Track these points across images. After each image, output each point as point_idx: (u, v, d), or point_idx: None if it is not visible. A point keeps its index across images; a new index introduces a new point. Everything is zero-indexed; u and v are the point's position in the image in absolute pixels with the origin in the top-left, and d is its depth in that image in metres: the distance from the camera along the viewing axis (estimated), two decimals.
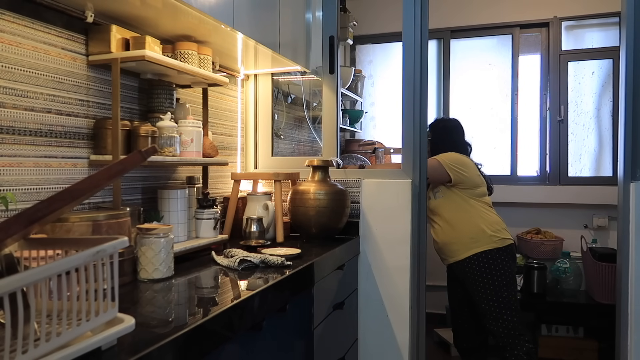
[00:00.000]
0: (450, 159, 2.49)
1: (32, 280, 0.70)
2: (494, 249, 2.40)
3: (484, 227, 2.42)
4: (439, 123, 2.74)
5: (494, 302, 2.38)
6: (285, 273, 1.49)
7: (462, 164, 2.48)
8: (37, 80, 1.39)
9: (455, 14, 3.88)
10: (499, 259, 2.40)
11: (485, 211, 2.48)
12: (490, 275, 2.38)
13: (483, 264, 2.40)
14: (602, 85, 3.67)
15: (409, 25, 2.28)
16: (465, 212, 2.47)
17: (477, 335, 2.60)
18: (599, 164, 3.67)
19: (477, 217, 2.45)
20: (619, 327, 2.06)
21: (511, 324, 2.37)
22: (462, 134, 2.70)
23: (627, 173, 2.01)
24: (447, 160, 2.47)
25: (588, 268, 3.21)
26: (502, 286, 2.38)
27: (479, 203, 2.48)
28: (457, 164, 2.47)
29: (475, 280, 2.41)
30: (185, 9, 1.50)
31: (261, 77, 2.59)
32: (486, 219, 2.45)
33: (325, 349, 1.84)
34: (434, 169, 2.47)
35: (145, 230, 1.39)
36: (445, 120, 2.81)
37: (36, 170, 1.39)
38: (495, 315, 2.38)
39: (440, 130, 2.68)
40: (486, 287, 2.39)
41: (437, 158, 2.48)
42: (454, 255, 2.49)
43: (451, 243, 2.49)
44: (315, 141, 3.05)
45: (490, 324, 2.40)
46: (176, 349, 0.94)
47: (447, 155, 2.51)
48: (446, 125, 2.72)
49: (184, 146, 1.75)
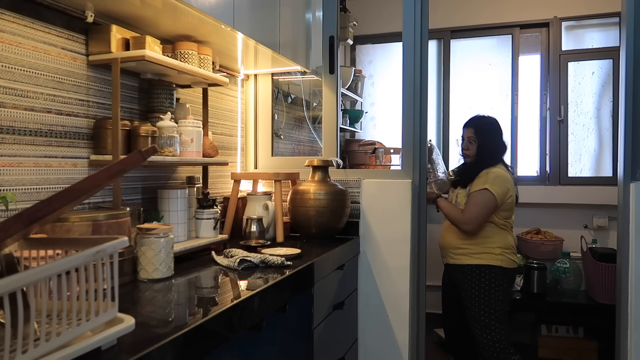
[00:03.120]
0: (502, 189, 2.29)
1: (32, 280, 0.70)
2: (499, 266, 2.32)
3: (496, 245, 2.33)
4: (482, 120, 2.49)
5: (484, 312, 2.32)
6: (285, 273, 1.49)
7: (509, 192, 2.32)
8: (37, 80, 1.39)
9: (455, 14, 3.88)
10: (500, 277, 2.33)
11: (503, 230, 2.37)
12: (488, 288, 2.32)
13: (484, 276, 2.33)
14: (602, 86, 3.67)
15: (409, 25, 2.28)
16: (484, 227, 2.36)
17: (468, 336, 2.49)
18: (599, 164, 3.67)
19: (493, 234, 2.35)
20: (619, 327, 2.06)
21: (497, 336, 2.30)
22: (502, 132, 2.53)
23: (627, 173, 2.01)
24: (500, 191, 2.29)
25: (588, 268, 3.21)
26: (497, 301, 2.32)
27: (501, 221, 2.37)
28: (506, 194, 2.31)
29: (472, 288, 2.35)
30: (185, 9, 1.50)
31: (261, 77, 2.59)
32: (502, 239, 2.35)
33: (325, 349, 1.84)
34: (486, 205, 2.29)
35: (145, 230, 1.38)
36: (487, 117, 2.56)
37: (36, 170, 1.39)
38: (484, 324, 2.31)
39: (486, 128, 2.45)
40: (480, 297, 2.33)
41: (490, 189, 2.27)
42: (457, 259, 2.42)
43: (458, 247, 2.40)
44: (315, 141, 3.05)
45: (477, 331, 2.34)
46: (176, 349, 0.94)
47: (499, 183, 2.30)
48: (490, 123, 2.50)
49: (184, 146, 1.75)
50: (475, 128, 2.43)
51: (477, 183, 2.32)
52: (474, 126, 2.44)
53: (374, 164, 3.33)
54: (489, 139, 2.42)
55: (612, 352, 2.26)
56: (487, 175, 2.31)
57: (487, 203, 2.28)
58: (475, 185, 2.33)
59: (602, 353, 3.05)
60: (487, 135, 2.42)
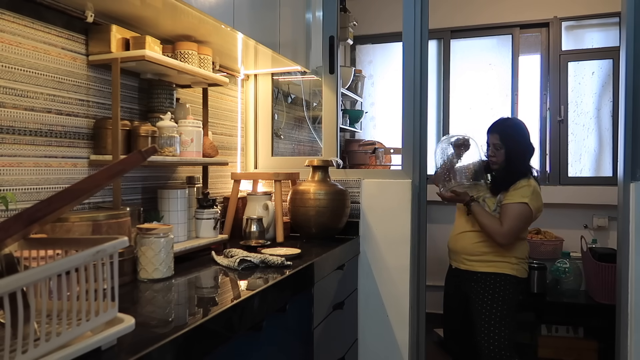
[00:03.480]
0: (538, 205, 2.21)
1: (32, 280, 0.70)
2: (514, 276, 2.23)
3: (514, 255, 2.24)
4: (506, 124, 2.35)
5: (495, 320, 2.21)
6: (285, 273, 1.49)
7: (541, 205, 2.24)
8: (37, 80, 1.39)
9: (455, 14, 3.88)
10: (515, 286, 2.24)
11: (522, 240, 2.29)
12: (501, 297, 2.21)
13: (499, 285, 2.23)
14: (602, 86, 3.67)
15: (409, 25, 2.28)
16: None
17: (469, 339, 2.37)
18: (599, 164, 3.67)
19: (514, 244, 2.24)
20: (619, 327, 2.06)
21: (504, 344, 2.20)
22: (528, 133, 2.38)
23: (627, 173, 2.01)
24: (537, 206, 2.20)
25: (588, 268, 3.21)
26: (509, 309, 2.22)
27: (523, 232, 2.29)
28: (539, 210, 2.23)
29: (484, 296, 2.23)
30: (185, 9, 1.50)
31: (261, 77, 2.59)
32: (520, 249, 2.27)
33: (325, 349, 1.84)
34: (526, 220, 2.21)
35: (145, 230, 1.39)
36: (511, 120, 2.46)
37: (36, 170, 1.39)
38: (490, 330, 2.22)
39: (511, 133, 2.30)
40: (493, 305, 2.22)
41: (530, 204, 2.17)
42: (470, 265, 2.30)
43: (474, 254, 2.28)
44: (315, 141, 3.05)
45: (482, 338, 2.23)
46: (176, 349, 0.94)
47: (537, 199, 2.21)
48: (515, 126, 2.35)
49: (184, 146, 1.75)
50: (500, 134, 2.27)
51: (515, 195, 2.19)
52: (498, 132, 2.28)
53: (374, 164, 3.34)
54: (516, 144, 2.27)
55: (612, 352, 2.26)
56: (527, 189, 2.19)
57: (527, 218, 2.19)
58: (512, 197, 2.20)
59: (602, 353, 3.05)
60: (514, 141, 2.27)
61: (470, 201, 2.25)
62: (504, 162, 2.27)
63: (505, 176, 2.27)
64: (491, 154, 2.30)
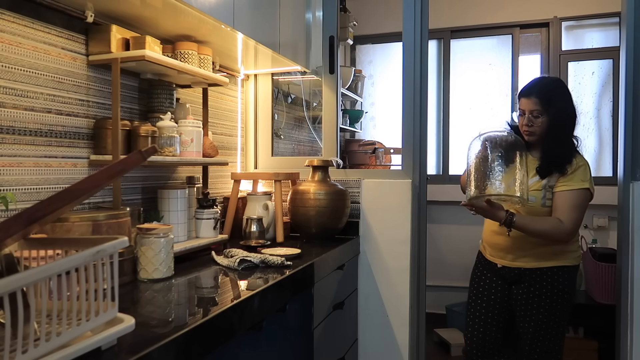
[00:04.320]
0: (593, 181, 1.83)
1: (32, 280, 0.70)
2: (573, 266, 1.88)
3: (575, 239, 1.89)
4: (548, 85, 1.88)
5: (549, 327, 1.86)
6: (285, 273, 1.49)
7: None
8: (37, 80, 1.39)
9: (455, 14, 3.87)
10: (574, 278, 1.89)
11: None
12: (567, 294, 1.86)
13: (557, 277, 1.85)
14: (602, 85, 3.67)
15: (409, 25, 2.28)
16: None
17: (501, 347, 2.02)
18: (599, 164, 3.67)
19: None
20: (619, 327, 2.06)
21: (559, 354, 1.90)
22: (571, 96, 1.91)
23: (627, 173, 2.01)
24: (593, 186, 1.83)
25: (588, 268, 3.21)
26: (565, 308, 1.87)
27: None
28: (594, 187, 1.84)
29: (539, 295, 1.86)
30: (185, 9, 1.50)
31: (261, 77, 2.59)
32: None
33: (325, 349, 1.84)
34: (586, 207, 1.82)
35: (145, 230, 1.39)
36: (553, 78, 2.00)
37: (36, 170, 1.39)
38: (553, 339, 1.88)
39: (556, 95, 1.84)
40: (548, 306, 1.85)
41: (591, 189, 1.80)
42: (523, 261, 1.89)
43: (525, 249, 1.87)
44: (315, 141, 3.05)
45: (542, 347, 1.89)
46: (176, 349, 0.94)
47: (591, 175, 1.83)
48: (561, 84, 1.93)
49: (184, 146, 1.75)
50: (540, 97, 1.80)
51: (574, 179, 1.78)
52: (538, 95, 1.80)
53: (374, 164, 3.34)
54: (564, 109, 1.81)
55: (612, 352, 2.26)
56: (584, 169, 1.80)
57: (586, 204, 1.81)
58: (571, 182, 1.78)
59: (602, 353, 3.05)
60: (560, 105, 1.81)
61: (509, 219, 1.76)
62: (544, 133, 1.82)
63: (559, 154, 1.80)
64: (527, 123, 1.83)
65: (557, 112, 1.80)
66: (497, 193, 1.75)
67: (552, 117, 1.80)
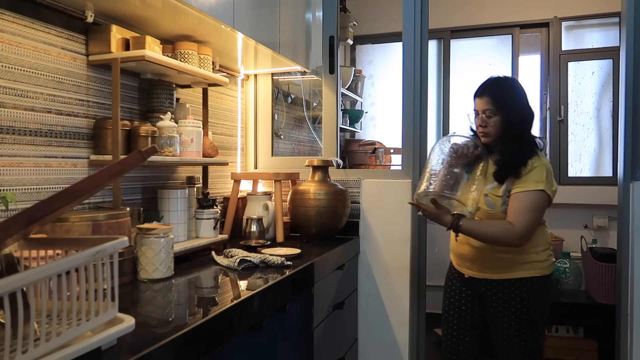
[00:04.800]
0: (553, 183, 1.72)
1: (32, 280, 0.70)
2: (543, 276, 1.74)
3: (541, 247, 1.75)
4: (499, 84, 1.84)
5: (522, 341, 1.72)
6: (285, 273, 1.49)
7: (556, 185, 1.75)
8: (37, 80, 1.39)
9: (455, 14, 3.87)
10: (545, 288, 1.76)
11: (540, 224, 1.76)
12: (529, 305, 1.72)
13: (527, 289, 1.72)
14: (602, 85, 3.67)
15: (409, 25, 2.28)
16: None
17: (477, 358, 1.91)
18: (599, 164, 3.67)
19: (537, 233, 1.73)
20: (619, 327, 2.06)
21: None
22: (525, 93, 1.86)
23: (627, 173, 2.01)
24: (553, 187, 1.71)
25: (588, 268, 3.21)
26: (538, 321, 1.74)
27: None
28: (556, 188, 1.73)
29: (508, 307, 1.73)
30: (185, 9, 1.50)
31: (261, 77, 2.59)
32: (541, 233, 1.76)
33: (325, 349, 1.84)
34: (542, 209, 1.69)
35: (145, 230, 1.39)
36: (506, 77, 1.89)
37: (36, 170, 1.39)
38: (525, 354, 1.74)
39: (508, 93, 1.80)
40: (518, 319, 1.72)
41: (547, 189, 1.67)
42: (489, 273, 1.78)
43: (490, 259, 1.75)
44: (315, 141, 3.05)
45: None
46: (176, 349, 0.94)
47: (551, 178, 1.72)
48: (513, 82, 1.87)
49: (184, 146, 1.75)
50: (492, 96, 1.76)
51: (528, 180, 1.67)
52: (490, 94, 1.78)
53: (374, 164, 3.34)
54: (515, 108, 1.77)
55: (612, 352, 2.26)
56: (540, 170, 1.69)
57: (542, 207, 1.69)
58: (525, 184, 1.67)
59: (602, 353, 3.05)
60: (512, 103, 1.77)
61: (455, 223, 1.66)
62: (499, 134, 1.75)
63: (512, 156, 1.72)
64: (481, 124, 1.78)
65: (509, 111, 1.75)
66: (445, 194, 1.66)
67: (504, 117, 1.75)
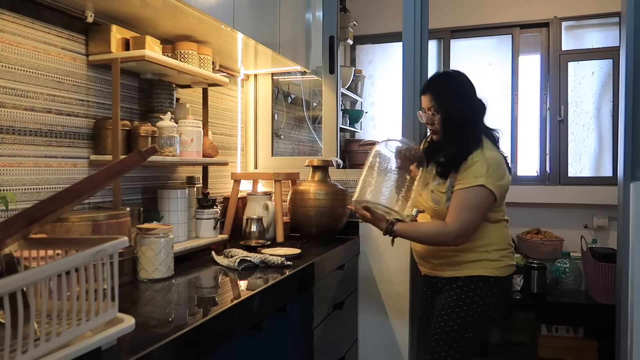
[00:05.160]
0: (499, 178, 1.61)
1: (32, 280, 0.70)
2: (495, 277, 1.65)
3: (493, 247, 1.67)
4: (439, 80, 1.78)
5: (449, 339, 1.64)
6: (285, 273, 1.49)
7: (505, 178, 1.64)
8: (37, 80, 1.39)
9: (455, 14, 3.87)
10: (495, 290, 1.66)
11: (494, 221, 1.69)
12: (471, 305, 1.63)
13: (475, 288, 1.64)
14: (602, 85, 3.67)
15: (409, 25, 2.28)
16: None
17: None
18: (599, 164, 3.66)
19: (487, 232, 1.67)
20: (619, 327, 2.06)
21: None
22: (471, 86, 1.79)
23: (627, 173, 2.01)
24: (498, 182, 1.60)
25: (588, 268, 3.21)
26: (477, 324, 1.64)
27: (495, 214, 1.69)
28: (505, 184, 1.64)
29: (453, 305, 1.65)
30: (185, 9, 1.50)
31: (261, 77, 2.59)
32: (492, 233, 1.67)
33: (325, 349, 1.84)
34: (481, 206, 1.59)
35: (145, 230, 1.39)
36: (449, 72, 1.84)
37: (36, 170, 1.39)
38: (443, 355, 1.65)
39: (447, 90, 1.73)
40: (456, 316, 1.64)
41: (487, 184, 1.57)
42: (439, 270, 1.73)
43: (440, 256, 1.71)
44: (315, 141, 3.05)
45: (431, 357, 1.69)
46: (176, 349, 0.94)
47: (495, 172, 1.60)
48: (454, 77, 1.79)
49: (184, 146, 1.75)
50: (433, 93, 1.71)
51: (466, 177, 1.60)
52: (432, 90, 1.72)
53: None
54: (454, 103, 1.69)
55: (612, 352, 2.26)
56: (480, 164, 1.59)
57: (482, 203, 1.59)
58: (464, 180, 1.60)
59: (602, 353, 3.05)
60: (450, 99, 1.70)
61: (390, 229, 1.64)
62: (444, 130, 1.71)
63: (453, 152, 1.66)
64: (427, 122, 1.74)
65: (449, 107, 1.69)
66: (375, 202, 1.63)
67: (444, 113, 1.69)
